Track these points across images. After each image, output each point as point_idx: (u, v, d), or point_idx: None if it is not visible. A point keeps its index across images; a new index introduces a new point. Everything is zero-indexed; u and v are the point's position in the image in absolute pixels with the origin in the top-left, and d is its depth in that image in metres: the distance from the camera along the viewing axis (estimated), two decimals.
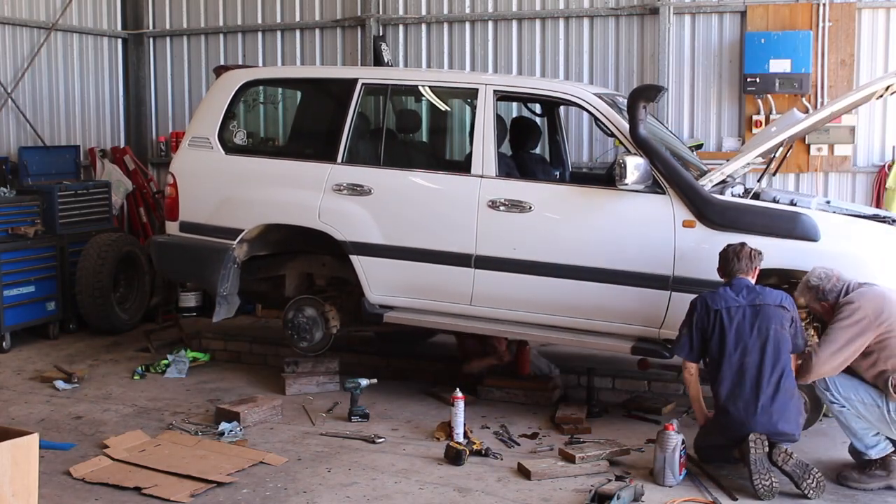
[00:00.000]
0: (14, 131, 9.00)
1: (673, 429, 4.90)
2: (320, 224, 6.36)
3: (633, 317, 5.74)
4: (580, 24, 8.64)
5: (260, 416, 5.93)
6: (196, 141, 6.88)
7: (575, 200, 6.01)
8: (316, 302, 6.71)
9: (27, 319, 8.16)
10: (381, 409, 6.24)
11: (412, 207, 6.23)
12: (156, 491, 4.73)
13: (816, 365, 4.89)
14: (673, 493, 4.78)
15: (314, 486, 4.88)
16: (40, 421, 5.96)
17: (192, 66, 10.11)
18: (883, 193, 7.82)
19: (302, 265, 6.96)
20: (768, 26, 7.96)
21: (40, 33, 9.22)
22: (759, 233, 5.45)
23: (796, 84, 7.73)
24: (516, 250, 5.94)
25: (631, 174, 5.48)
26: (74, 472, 4.98)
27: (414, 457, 5.34)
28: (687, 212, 5.60)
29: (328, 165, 6.42)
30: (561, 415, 5.94)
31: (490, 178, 6.05)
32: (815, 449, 5.42)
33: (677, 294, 5.59)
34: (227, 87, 6.90)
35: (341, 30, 9.46)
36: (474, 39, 8.95)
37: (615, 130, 5.89)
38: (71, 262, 8.44)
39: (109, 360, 7.63)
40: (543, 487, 4.87)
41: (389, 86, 6.58)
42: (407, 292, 6.25)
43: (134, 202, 9.85)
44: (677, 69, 8.33)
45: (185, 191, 6.82)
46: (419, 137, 7.88)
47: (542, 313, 5.97)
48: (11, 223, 8.07)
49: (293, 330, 6.71)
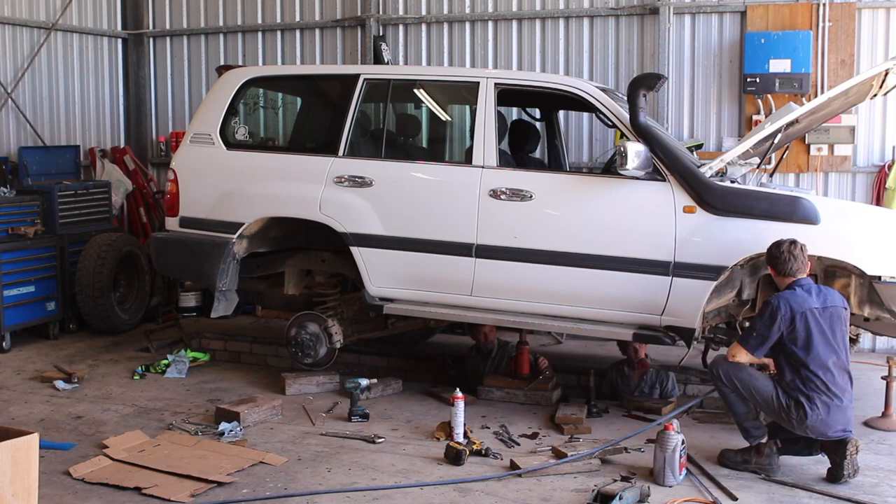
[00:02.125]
0: (14, 131, 9.01)
1: (673, 429, 4.90)
2: (321, 216, 6.37)
3: (635, 304, 5.75)
4: (580, 24, 8.64)
5: (260, 416, 5.93)
6: (198, 137, 6.90)
7: (576, 188, 6.03)
8: (318, 317, 6.72)
9: (27, 319, 8.16)
10: (381, 409, 6.24)
11: (413, 198, 6.24)
12: (156, 491, 4.72)
13: None
14: (673, 493, 4.78)
15: (314, 486, 4.87)
16: (40, 421, 5.96)
17: (192, 66, 10.11)
18: (883, 193, 7.82)
19: (301, 262, 6.96)
20: (768, 26, 7.96)
21: (40, 33, 9.22)
22: (759, 217, 5.48)
23: (796, 84, 7.73)
24: (517, 239, 5.95)
25: (632, 161, 5.49)
26: (74, 472, 4.98)
27: (414, 457, 5.34)
28: (687, 197, 5.63)
29: (329, 158, 6.44)
30: (561, 415, 5.94)
31: (491, 168, 6.07)
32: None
33: (678, 280, 5.61)
34: (229, 85, 6.92)
35: (341, 30, 9.47)
36: (474, 39, 8.95)
37: (616, 121, 5.91)
38: (71, 262, 8.44)
39: (109, 360, 7.63)
40: (543, 487, 4.86)
41: (391, 81, 6.60)
42: (407, 283, 6.26)
43: (134, 202, 9.86)
44: (677, 69, 8.34)
45: (185, 186, 6.83)
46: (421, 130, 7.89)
47: (543, 302, 5.98)
48: (11, 223, 8.07)
49: (297, 347, 6.72)
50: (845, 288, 5.51)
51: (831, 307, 4.99)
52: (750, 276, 5.78)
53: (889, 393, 5.99)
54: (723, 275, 5.55)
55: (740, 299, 5.85)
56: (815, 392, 4.89)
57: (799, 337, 4.91)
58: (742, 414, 5.14)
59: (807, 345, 4.90)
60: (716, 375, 5.13)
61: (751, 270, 5.77)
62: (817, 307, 4.94)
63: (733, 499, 4.72)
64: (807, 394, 4.90)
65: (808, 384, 4.90)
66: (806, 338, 4.90)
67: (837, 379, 4.92)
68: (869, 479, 5.00)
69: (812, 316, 4.91)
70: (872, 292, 5.43)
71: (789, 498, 4.77)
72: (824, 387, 4.88)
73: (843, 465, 4.93)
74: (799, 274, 5.04)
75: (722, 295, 5.70)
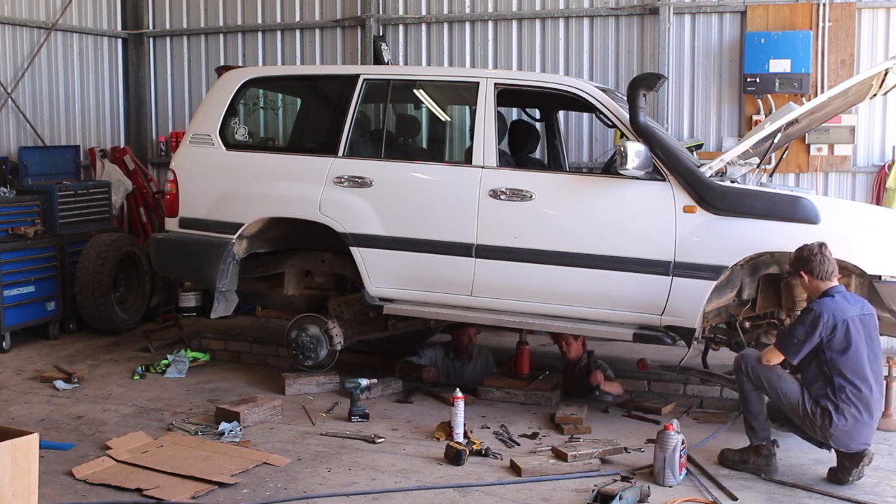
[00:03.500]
0: (14, 131, 9.01)
1: (673, 429, 4.90)
2: (321, 216, 6.37)
3: (635, 304, 5.75)
4: (580, 24, 8.64)
5: (260, 416, 5.93)
6: (197, 138, 6.90)
7: (576, 188, 6.03)
8: (318, 320, 6.72)
9: (27, 319, 8.16)
10: (381, 409, 6.24)
11: (413, 198, 6.25)
12: (157, 492, 4.72)
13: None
14: (673, 493, 4.78)
15: (314, 486, 4.87)
16: (40, 421, 5.96)
17: (192, 66, 10.11)
18: (883, 193, 7.82)
19: (301, 262, 6.97)
20: (768, 26, 7.96)
21: (40, 33, 9.22)
22: (759, 217, 5.48)
23: (796, 84, 7.73)
24: (517, 239, 5.95)
25: (632, 160, 5.48)
26: (77, 472, 4.97)
27: (414, 457, 5.34)
28: (687, 197, 5.63)
29: (329, 159, 6.44)
30: (561, 415, 5.94)
31: (491, 169, 6.08)
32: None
33: (678, 280, 5.61)
34: (229, 85, 6.92)
35: (341, 30, 9.47)
36: (474, 39, 8.95)
37: (616, 120, 5.92)
38: (71, 262, 8.44)
39: (109, 360, 7.63)
40: (543, 487, 4.86)
41: (391, 81, 6.60)
42: (407, 284, 6.26)
43: (134, 202, 9.86)
44: (677, 69, 8.34)
45: (185, 187, 6.83)
46: (421, 130, 7.90)
47: (543, 302, 5.98)
48: (11, 223, 8.07)
49: (297, 349, 6.72)
50: (846, 288, 5.50)
51: (868, 314, 4.97)
52: (750, 276, 5.78)
53: (889, 393, 5.99)
54: (723, 275, 5.55)
55: (740, 299, 5.85)
56: (844, 403, 4.83)
57: (838, 344, 4.85)
58: (755, 413, 5.12)
59: (844, 351, 4.84)
60: (743, 370, 5.08)
61: (751, 270, 5.77)
62: (857, 315, 4.90)
63: (733, 499, 4.72)
64: (836, 403, 4.84)
65: (839, 393, 4.84)
66: (845, 346, 4.84)
67: (870, 391, 4.86)
68: (869, 479, 5.00)
69: (853, 324, 4.86)
70: (872, 292, 5.44)
71: (789, 498, 4.77)
72: (855, 398, 4.82)
73: (851, 472, 4.92)
74: (834, 277, 4.99)
75: (722, 295, 5.70)
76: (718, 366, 6.52)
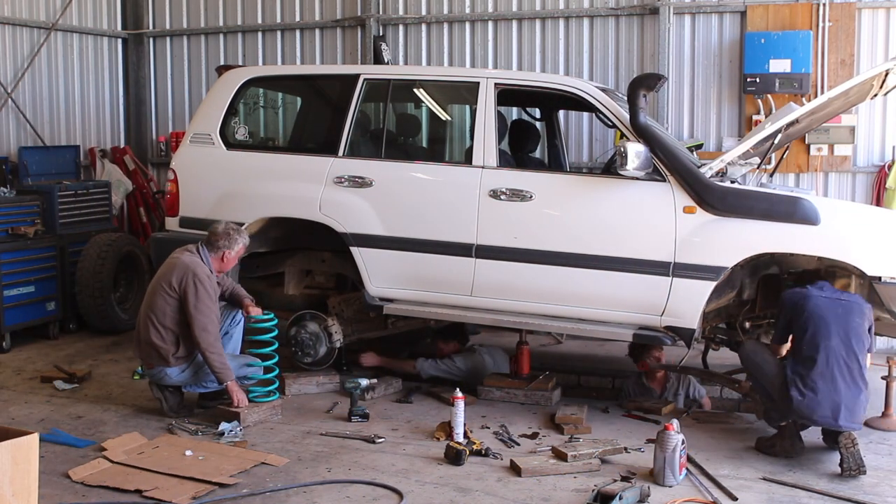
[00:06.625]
0: (14, 131, 9.01)
1: (673, 429, 4.90)
2: (321, 216, 6.38)
3: (635, 304, 5.76)
4: (580, 24, 8.64)
5: (260, 416, 5.92)
6: (197, 137, 6.90)
7: (576, 189, 6.03)
8: (318, 317, 6.72)
9: (27, 319, 8.16)
10: (380, 409, 6.24)
11: (413, 198, 6.25)
12: (157, 494, 4.70)
13: None
14: (673, 493, 4.78)
15: (314, 486, 4.87)
16: (40, 421, 5.95)
17: (192, 66, 10.11)
18: (883, 193, 7.82)
19: (301, 262, 6.97)
20: (768, 26, 7.96)
21: (40, 33, 9.22)
22: (759, 217, 5.49)
23: (796, 84, 7.73)
24: (517, 239, 5.95)
25: (632, 161, 5.48)
26: (73, 475, 4.93)
27: (414, 457, 5.34)
28: (687, 198, 5.63)
29: (329, 158, 6.45)
30: (561, 415, 5.94)
31: (491, 169, 6.08)
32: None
33: (678, 280, 5.61)
34: (229, 85, 6.92)
35: (341, 30, 9.47)
36: (474, 39, 8.95)
37: (616, 120, 5.91)
38: (71, 262, 8.44)
39: (109, 360, 7.63)
40: (543, 487, 4.86)
41: (391, 81, 6.60)
42: (407, 284, 6.26)
43: (134, 202, 9.86)
44: (677, 69, 8.34)
45: (185, 186, 6.83)
46: (421, 130, 7.90)
47: (543, 302, 5.98)
48: (11, 223, 8.07)
49: (297, 346, 6.72)
50: (845, 288, 5.51)
51: (846, 300, 5.19)
52: (750, 276, 5.78)
53: (889, 393, 6.00)
54: (723, 275, 5.55)
55: (740, 299, 5.86)
56: (808, 372, 5.07)
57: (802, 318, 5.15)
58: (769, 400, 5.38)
59: (807, 325, 5.12)
60: (742, 358, 5.52)
61: (751, 271, 5.77)
62: (826, 296, 5.16)
63: (733, 499, 4.72)
64: (801, 374, 5.08)
65: (805, 363, 5.09)
66: (807, 318, 5.12)
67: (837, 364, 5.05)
68: (869, 479, 5.00)
69: (821, 301, 5.13)
70: (872, 293, 5.44)
71: (789, 498, 4.77)
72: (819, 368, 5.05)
73: (843, 458, 5.01)
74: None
75: (722, 295, 5.71)
76: (718, 366, 6.53)
